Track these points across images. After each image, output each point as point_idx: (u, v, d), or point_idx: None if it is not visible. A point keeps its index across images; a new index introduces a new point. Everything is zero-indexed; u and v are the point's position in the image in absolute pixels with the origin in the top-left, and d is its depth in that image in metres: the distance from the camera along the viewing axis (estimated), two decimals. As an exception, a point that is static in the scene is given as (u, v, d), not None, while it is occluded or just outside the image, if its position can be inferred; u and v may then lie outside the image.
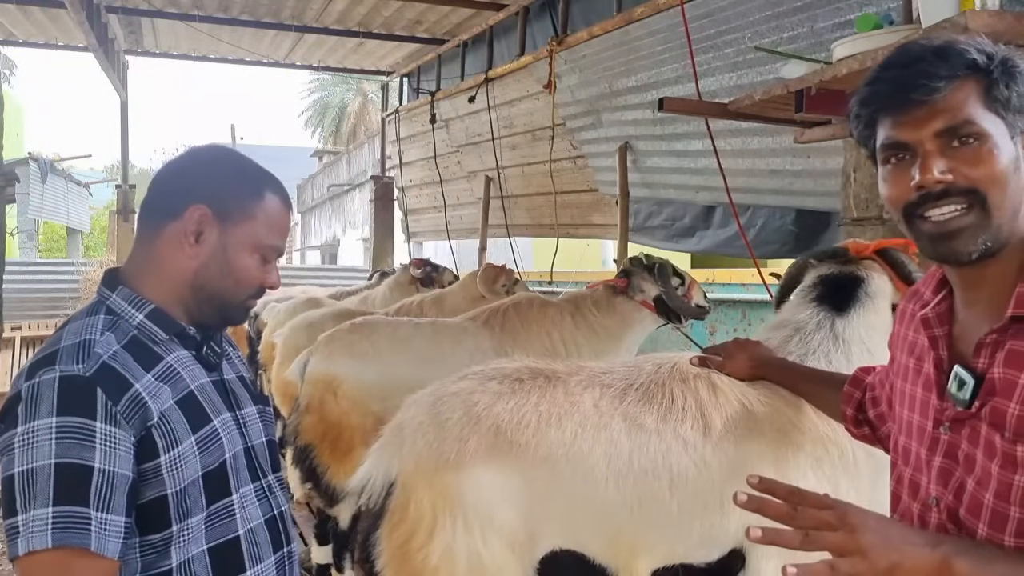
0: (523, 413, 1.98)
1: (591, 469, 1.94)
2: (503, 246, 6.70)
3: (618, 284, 3.75)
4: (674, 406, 2.01)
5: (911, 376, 1.19)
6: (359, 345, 3.53)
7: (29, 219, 14.88)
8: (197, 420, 1.33)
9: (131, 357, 1.30)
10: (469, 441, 1.93)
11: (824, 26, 3.39)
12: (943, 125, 1.04)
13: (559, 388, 2.05)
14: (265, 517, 1.42)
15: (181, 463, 1.28)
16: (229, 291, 1.40)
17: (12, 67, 26.70)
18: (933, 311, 1.15)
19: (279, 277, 1.47)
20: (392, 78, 8.80)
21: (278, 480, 1.50)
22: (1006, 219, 1.04)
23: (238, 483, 1.38)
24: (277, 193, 1.45)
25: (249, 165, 1.48)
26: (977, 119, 1.03)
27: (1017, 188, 1.04)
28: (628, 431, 1.97)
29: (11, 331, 8.88)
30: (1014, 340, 1.02)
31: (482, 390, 2.04)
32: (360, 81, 27.80)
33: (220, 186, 1.40)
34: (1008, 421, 1.01)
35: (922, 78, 1.04)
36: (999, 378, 1.03)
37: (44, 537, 1.16)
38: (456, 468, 1.91)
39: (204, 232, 1.38)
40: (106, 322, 1.33)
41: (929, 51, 1.06)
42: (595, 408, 2.01)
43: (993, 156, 1.03)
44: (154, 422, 1.26)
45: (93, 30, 6.38)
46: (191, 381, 1.36)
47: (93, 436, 1.20)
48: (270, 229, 1.41)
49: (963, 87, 1.04)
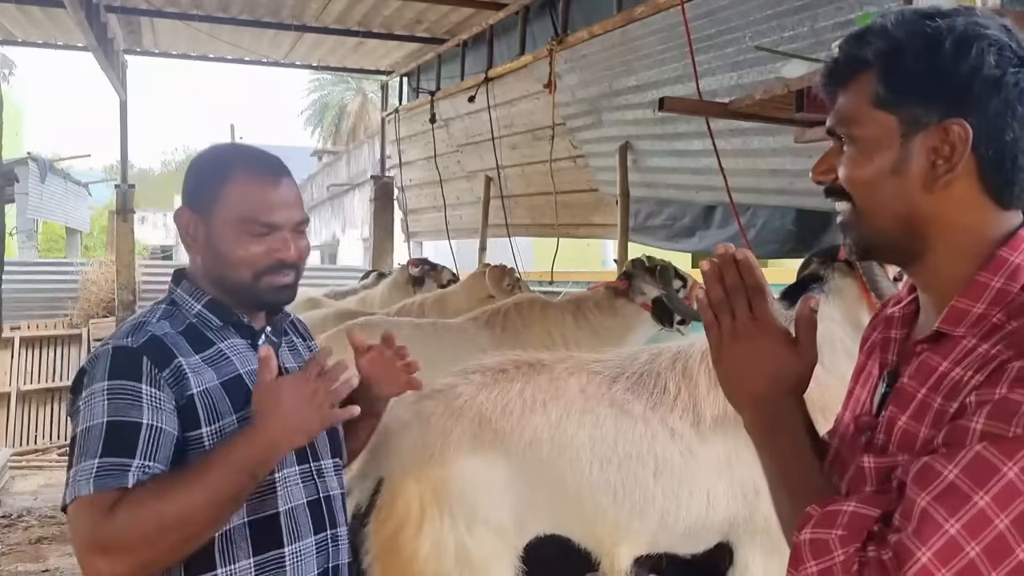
0: (507, 401, 1.99)
1: (576, 452, 1.94)
2: (503, 246, 6.69)
3: (619, 286, 3.75)
4: (666, 396, 2.02)
5: (862, 378, 1.12)
6: (360, 345, 3.52)
7: (28, 219, 14.86)
8: (240, 401, 1.39)
9: (184, 340, 1.41)
10: (452, 433, 1.95)
11: (825, 25, 3.39)
12: (829, 124, 1.01)
13: (544, 374, 2.06)
14: (309, 499, 1.47)
15: (223, 437, 1.36)
16: (232, 276, 1.46)
17: (11, 67, 26.67)
18: (900, 311, 1.07)
19: (297, 247, 1.48)
20: (392, 78, 8.79)
21: (335, 466, 1.55)
22: (887, 223, 0.97)
23: (281, 463, 1.42)
24: (249, 168, 1.48)
25: (222, 153, 1.55)
26: (857, 121, 0.97)
27: (898, 192, 0.95)
28: (615, 416, 1.98)
29: (10, 331, 8.86)
30: (933, 352, 0.94)
31: (465, 383, 2.05)
32: (360, 80, 27.76)
33: (192, 183, 1.51)
34: (895, 434, 0.95)
35: (827, 75, 1.01)
36: (903, 388, 0.97)
37: (88, 484, 1.27)
38: (441, 461, 1.93)
39: (194, 231, 1.48)
40: (165, 311, 1.47)
41: (843, 44, 1.01)
42: (581, 393, 2.01)
43: (862, 159, 0.96)
44: (195, 392, 1.36)
45: (92, 29, 6.37)
46: (241, 366, 1.44)
47: (140, 397, 1.33)
48: (244, 204, 1.44)
49: (858, 83, 0.97)
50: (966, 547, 0.81)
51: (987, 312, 0.91)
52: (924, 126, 0.93)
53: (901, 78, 0.93)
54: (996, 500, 0.81)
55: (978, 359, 0.89)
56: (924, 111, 0.93)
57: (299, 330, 1.69)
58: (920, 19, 0.94)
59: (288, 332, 1.62)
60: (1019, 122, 0.91)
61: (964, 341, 0.91)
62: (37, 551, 5.42)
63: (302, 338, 1.68)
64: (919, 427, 0.92)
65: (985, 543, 0.81)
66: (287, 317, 1.63)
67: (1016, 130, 0.92)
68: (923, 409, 0.92)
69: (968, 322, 0.92)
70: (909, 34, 0.93)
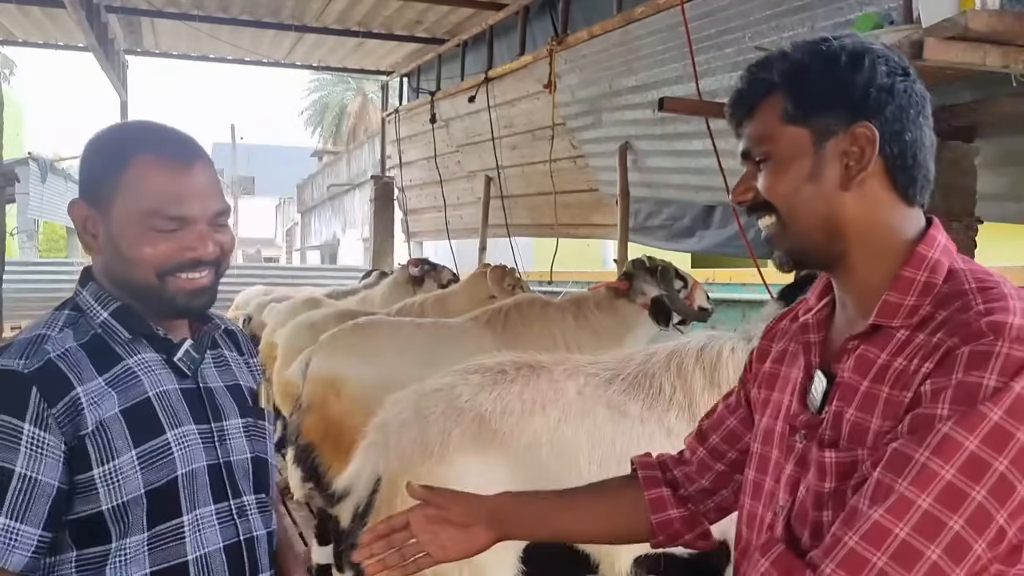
0: (506, 402, 1.99)
1: (575, 453, 1.95)
2: (503, 246, 6.70)
3: (620, 286, 3.75)
4: (661, 396, 2.03)
5: (778, 384, 1.17)
6: (362, 345, 3.54)
7: (29, 219, 14.88)
8: (144, 432, 1.20)
9: (86, 356, 1.20)
10: (452, 433, 1.95)
11: (824, 26, 3.39)
12: (742, 149, 1.10)
13: (543, 376, 2.07)
14: (227, 543, 1.27)
15: (118, 478, 1.17)
16: (136, 277, 1.23)
17: (12, 67, 26.69)
18: (813, 317, 1.14)
19: (216, 242, 1.25)
20: (392, 78, 8.80)
21: (259, 502, 1.34)
22: (810, 228, 1.04)
23: (194, 503, 1.23)
24: (153, 151, 1.23)
25: (121, 135, 1.31)
26: (770, 138, 1.05)
27: (817, 196, 1.03)
28: (612, 418, 1.99)
29: (11, 331, 8.85)
30: (869, 346, 1.01)
31: (464, 383, 2.06)
32: (360, 81, 27.78)
33: (87, 173, 1.27)
34: (844, 427, 1.00)
35: (735, 104, 1.10)
36: (844, 383, 1.03)
37: None
38: (440, 460, 1.93)
39: (92, 228, 1.25)
40: (68, 318, 1.25)
41: (746, 74, 1.10)
42: (579, 395, 2.02)
43: (780, 172, 1.05)
44: (88, 431, 1.16)
45: (93, 30, 6.38)
46: (151, 387, 1.23)
47: (19, 438, 1.12)
48: (149, 194, 1.21)
49: (767, 105, 1.06)
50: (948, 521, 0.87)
51: (917, 304, 0.99)
52: (834, 133, 1.02)
53: (807, 93, 1.03)
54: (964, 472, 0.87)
55: (920, 348, 0.96)
56: (832, 119, 1.02)
57: (235, 343, 1.45)
58: (814, 43, 1.05)
59: (219, 345, 1.39)
60: (914, 124, 1.02)
61: (899, 332, 0.99)
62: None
63: (238, 352, 1.44)
64: (869, 418, 0.98)
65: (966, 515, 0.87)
66: (217, 327, 1.39)
67: (912, 131, 1.02)
68: (870, 400, 0.99)
69: (901, 314, 1.00)
70: (809, 54, 1.04)
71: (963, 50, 2.22)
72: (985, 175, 2.81)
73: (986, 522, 0.87)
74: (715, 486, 1.30)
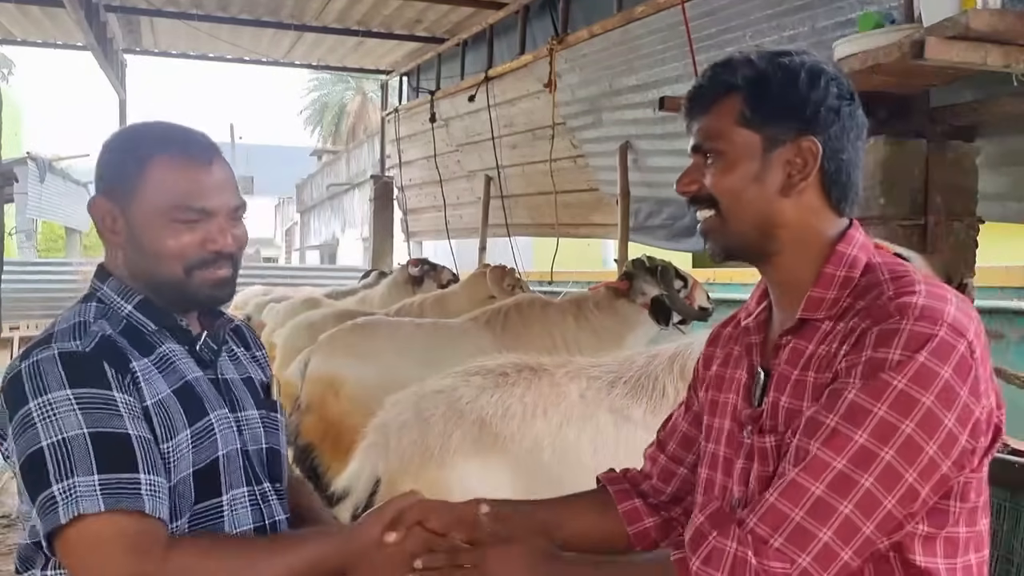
0: (508, 405, 1.99)
1: (577, 457, 1.94)
2: (503, 246, 6.69)
3: (620, 287, 3.74)
4: (664, 400, 2.02)
5: (724, 385, 1.25)
6: (361, 345, 3.53)
7: (27, 219, 14.86)
8: (194, 413, 1.26)
9: (127, 342, 1.26)
10: (453, 436, 1.94)
11: (825, 25, 3.38)
12: (694, 143, 1.16)
13: (545, 379, 2.06)
14: (256, 525, 1.32)
15: (176, 457, 1.22)
16: (161, 271, 1.29)
17: (10, 66, 26.67)
18: (753, 320, 1.22)
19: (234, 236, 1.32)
20: (392, 77, 8.79)
21: (276, 491, 1.39)
22: (748, 226, 1.13)
23: (230, 484, 1.30)
24: (171, 150, 1.29)
25: (141, 133, 1.36)
26: (724, 137, 1.12)
27: (759, 197, 1.11)
28: (615, 422, 1.98)
29: (9, 331, 8.86)
30: (798, 339, 1.11)
31: (465, 385, 2.05)
32: (359, 80, 27.76)
33: (108, 170, 1.32)
34: (780, 415, 1.09)
35: (696, 97, 1.16)
36: (778, 375, 1.12)
37: (94, 501, 1.12)
38: (440, 463, 1.93)
39: (112, 223, 1.31)
40: (98, 310, 1.29)
41: (705, 72, 1.16)
42: (581, 399, 2.01)
43: (728, 170, 1.12)
44: (148, 403, 1.22)
45: (92, 29, 6.37)
46: (186, 372, 1.29)
47: (116, 405, 1.18)
48: (172, 189, 1.27)
49: (725, 105, 1.12)
50: (859, 479, 0.96)
51: (838, 296, 1.10)
52: (782, 142, 1.11)
53: (765, 102, 1.11)
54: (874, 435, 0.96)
55: (839, 334, 1.06)
56: (782, 130, 1.11)
57: (244, 338, 1.51)
58: (777, 55, 1.14)
59: (227, 341, 1.44)
60: (852, 145, 1.13)
61: (824, 324, 1.09)
62: (37, 551, 5.41)
63: (246, 347, 1.49)
64: (800, 403, 1.08)
65: (875, 474, 0.96)
66: (228, 323, 1.45)
67: (850, 151, 1.13)
68: (800, 387, 1.09)
69: (825, 307, 1.10)
70: (772, 66, 1.12)
71: (964, 50, 2.21)
72: (986, 175, 2.80)
73: (895, 480, 0.96)
74: (680, 491, 1.35)
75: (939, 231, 2.64)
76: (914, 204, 2.64)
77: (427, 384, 2.13)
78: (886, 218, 2.64)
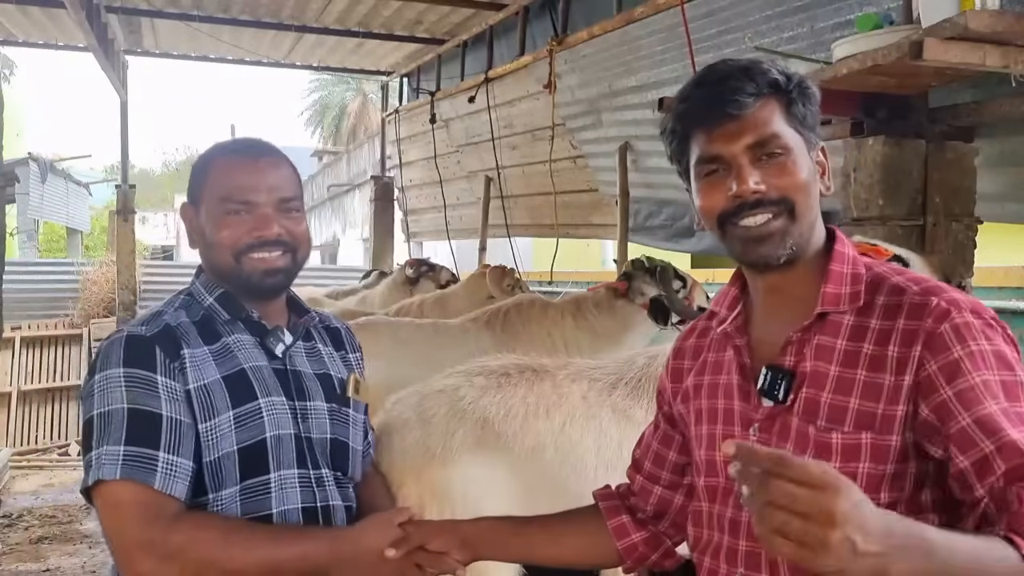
0: (510, 405, 1.99)
1: (580, 457, 1.94)
2: (503, 246, 6.69)
3: (619, 287, 3.75)
4: None
5: (710, 392, 1.25)
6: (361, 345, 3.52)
7: (29, 219, 14.86)
8: (240, 397, 1.40)
9: (194, 329, 1.43)
10: (455, 435, 1.95)
11: (824, 26, 3.39)
12: (753, 139, 1.13)
13: (547, 380, 2.06)
14: (305, 505, 1.43)
15: (216, 434, 1.37)
16: (218, 260, 1.46)
17: (12, 67, 26.67)
18: (732, 325, 1.24)
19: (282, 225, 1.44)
20: (392, 78, 8.80)
21: (338, 479, 1.50)
22: (807, 225, 1.15)
23: (279, 464, 1.41)
24: (225, 151, 1.50)
25: (213, 146, 1.55)
26: (781, 134, 1.14)
27: (816, 197, 1.16)
28: (618, 422, 1.99)
29: (11, 331, 8.86)
30: (821, 335, 1.13)
31: (468, 385, 2.05)
32: (360, 81, 27.76)
33: (190, 179, 1.52)
34: (821, 410, 1.10)
35: (732, 94, 1.13)
36: (810, 371, 1.13)
37: (113, 469, 1.28)
38: (443, 463, 1.93)
39: (190, 224, 1.51)
40: (184, 302, 1.49)
41: (736, 70, 1.15)
42: (583, 400, 2.02)
43: (797, 167, 1.14)
44: (191, 387, 1.37)
45: (93, 30, 6.37)
46: (244, 361, 1.44)
47: (156, 387, 1.34)
48: (221, 184, 1.45)
49: (768, 104, 1.14)
50: None
51: (854, 291, 1.14)
52: (812, 146, 1.17)
53: (808, 106, 1.17)
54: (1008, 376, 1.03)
55: (874, 331, 1.10)
56: (813, 135, 1.17)
57: (338, 339, 1.65)
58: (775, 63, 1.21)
59: (313, 338, 1.59)
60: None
61: (845, 318, 1.12)
62: (37, 551, 5.43)
63: (337, 347, 1.64)
64: (848, 399, 1.09)
65: None
66: (313, 320, 1.60)
67: None
68: (847, 384, 1.09)
69: (844, 301, 1.13)
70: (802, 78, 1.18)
71: (963, 50, 2.22)
72: (985, 175, 2.81)
73: None
74: (660, 508, 1.38)
75: (938, 231, 2.65)
76: (913, 204, 2.65)
77: (429, 384, 2.13)
78: (885, 218, 2.64)
